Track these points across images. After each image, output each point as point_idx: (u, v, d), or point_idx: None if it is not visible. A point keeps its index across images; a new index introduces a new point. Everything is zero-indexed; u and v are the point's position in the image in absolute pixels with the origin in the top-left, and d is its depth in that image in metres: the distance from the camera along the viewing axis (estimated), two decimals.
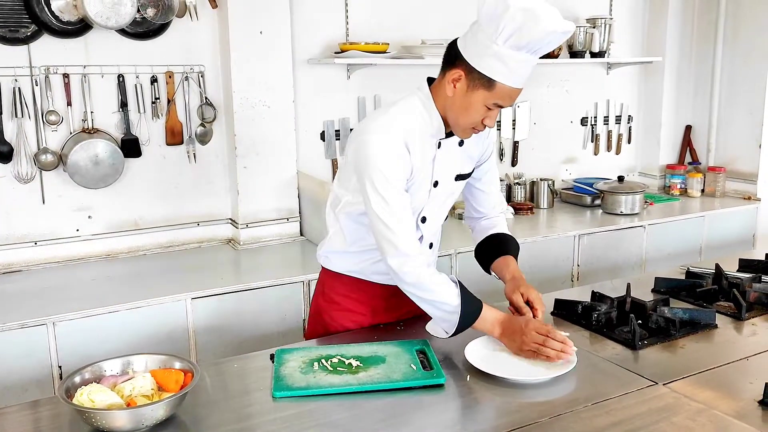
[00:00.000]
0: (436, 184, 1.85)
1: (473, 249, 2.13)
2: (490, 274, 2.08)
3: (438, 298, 1.73)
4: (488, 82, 1.67)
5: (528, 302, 1.88)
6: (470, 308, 1.75)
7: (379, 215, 1.72)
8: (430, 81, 1.84)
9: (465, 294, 1.75)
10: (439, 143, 1.82)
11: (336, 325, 1.99)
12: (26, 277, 2.79)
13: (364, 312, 1.99)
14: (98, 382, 1.49)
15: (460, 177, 1.92)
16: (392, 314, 2.00)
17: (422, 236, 1.90)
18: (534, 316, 1.84)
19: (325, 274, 2.03)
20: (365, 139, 1.73)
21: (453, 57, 1.72)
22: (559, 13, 1.60)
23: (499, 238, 2.07)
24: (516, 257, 2.05)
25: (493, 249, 2.05)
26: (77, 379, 1.50)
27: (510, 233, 2.10)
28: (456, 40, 1.75)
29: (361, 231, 1.88)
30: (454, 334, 1.77)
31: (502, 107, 1.73)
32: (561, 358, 1.66)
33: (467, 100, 1.71)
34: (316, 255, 2.05)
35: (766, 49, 3.90)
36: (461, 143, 1.87)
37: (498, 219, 2.12)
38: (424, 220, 1.88)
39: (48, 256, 2.92)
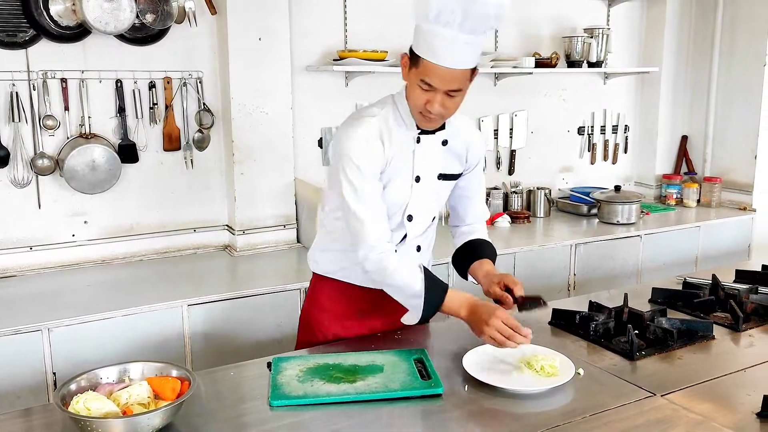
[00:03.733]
0: (418, 179, 1.86)
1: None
2: (467, 279, 2.07)
3: (401, 283, 1.76)
4: (417, 60, 1.70)
5: (507, 288, 1.88)
6: (435, 291, 1.76)
7: (349, 203, 1.77)
8: None
9: (430, 278, 1.77)
10: (419, 138, 1.83)
11: (326, 331, 1.98)
12: (21, 283, 2.78)
13: (354, 317, 1.98)
14: (94, 390, 1.48)
15: (444, 177, 1.92)
16: (384, 320, 1.99)
17: (406, 235, 1.90)
18: (513, 296, 1.86)
19: (315, 279, 2.04)
20: (340, 132, 1.82)
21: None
22: None
23: (475, 244, 2.07)
24: (493, 261, 2.04)
25: (470, 254, 2.05)
26: (73, 386, 1.48)
27: (488, 240, 2.10)
28: None
29: (343, 229, 1.89)
30: (424, 320, 1.78)
31: (432, 87, 1.70)
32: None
33: (409, 82, 1.77)
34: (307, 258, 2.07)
35: (762, 61, 3.93)
36: (445, 142, 1.88)
37: (478, 226, 2.11)
38: (410, 218, 1.89)
39: (43, 262, 2.91)
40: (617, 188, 3.82)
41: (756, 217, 4.00)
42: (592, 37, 3.89)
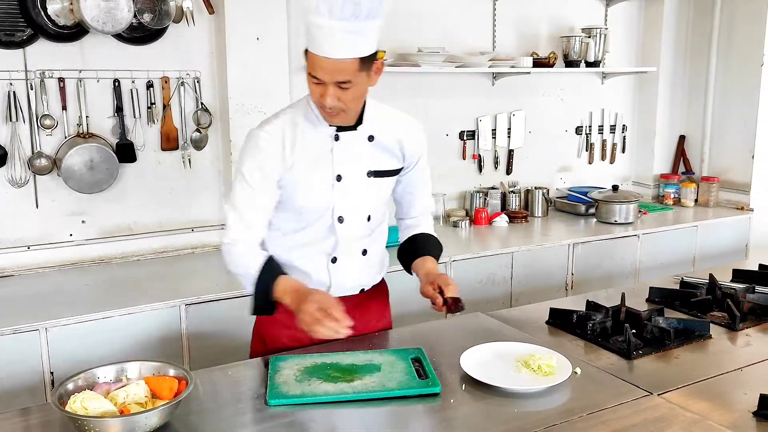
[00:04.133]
0: (339, 178, 1.81)
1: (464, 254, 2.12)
2: (412, 275, 2.02)
3: (242, 271, 1.78)
4: (306, 54, 1.68)
5: (440, 289, 1.83)
6: (267, 279, 1.75)
7: (230, 200, 1.82)
8: None
9: (268, 267, 1.76)
10: (337, 135, 1.80)
11: (275, 342, 1.94)
12: (19, 282, 2.77)
13: (300, 326, 1.92)
14: (91, 389, 1.48)
15: (376, 174, 1.86)
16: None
17: (337, 240, 1.85)
18: (443, 297, 1.80)
19: None
20: (246, 138, 1.83)
21: None
22: None
23: (419, 239, 2.03)
24: (437, 257, 2.01)
25: (412, 250, 2.02)
26: (70, 386, 1.48)
27: (433, 233, 2.06)
28: None
29: (278, 237, 1.89)
30: (260, 309, 1.79)
31: (317, 78, 1.66)
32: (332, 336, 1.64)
33: (307, 78, 1.73)
34: None
35: (760, 60, 3.93)
36: (371, 138, 1.84)
37: (422, 218, 2.07)
38: (341, 219, 1.84)
39: (41, 261, 2.90)
40: (615, 188, 3.82)
41: (753, 216, 4.01)
42: (589, 37, 3.89)
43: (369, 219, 1.91)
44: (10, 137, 2.77)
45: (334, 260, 1.89)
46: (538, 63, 3.75)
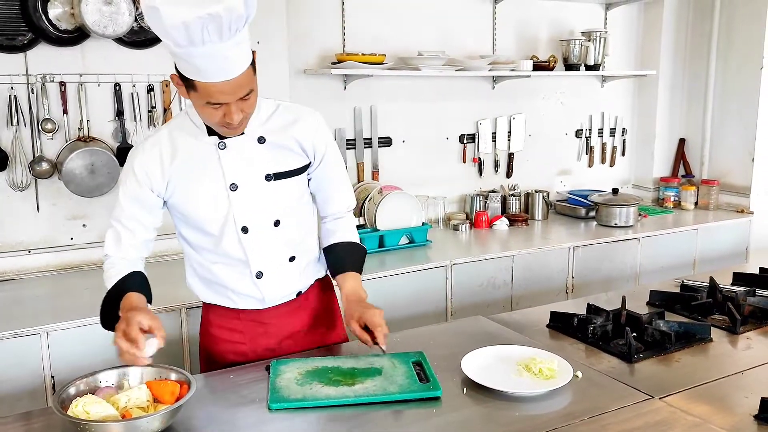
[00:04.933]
0: (234, 187, 1.73)
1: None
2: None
3: (107, 285, 1.75)
4: (190, 82, 1.57)
5: (367, 327, 1.76)
6: (116, 294, 1.71)
7: (113, 214, 1.79)
8: None
9: (122, 282, 1.73)
10: (223, 143, 1.71)
11: (219, 359, 1.90)
12: (19, 286, 2.77)
13: (242, 340, 1.89)
14: (93, 394, 1.48)
15: (276, 176, 1.76)
16: (273, 338, 1.90)
17: (245, 250, 1.77)
18: (375, 342, 1.74)
19: (203, 308, 1.98)
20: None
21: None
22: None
23: (337, 249, 1.93)
24: (356, 267, 1.92)
25: (332, 262, 1.93)
26: (72, 390, 1.49)
27: (350, 236, 1.95)
28: None
29: (191, 252, 1.88)
30: (105, 323, 1.74)
31: (218, 103, 1.57)
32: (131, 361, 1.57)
33: (194, 102, 1.63)
34: None
35: (759, 64, 3.94)
36: (261, 140, 1.75)
37: (340, 222, 1.95)
38: (245, 230, 1.76)
39: (42, 265, 2.90)
40: (615, 191, 3.83)
41: (753, 219, 4.01)
42: (589, 40, 3.90)
43: (277, 224, 1.79)
44: (11, 141, 2.77)
45: (259, 275, 1.81)
46: (538, 66, 3.76)
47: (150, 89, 2.99)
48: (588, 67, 3.96)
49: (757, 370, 1.77)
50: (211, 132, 1.72)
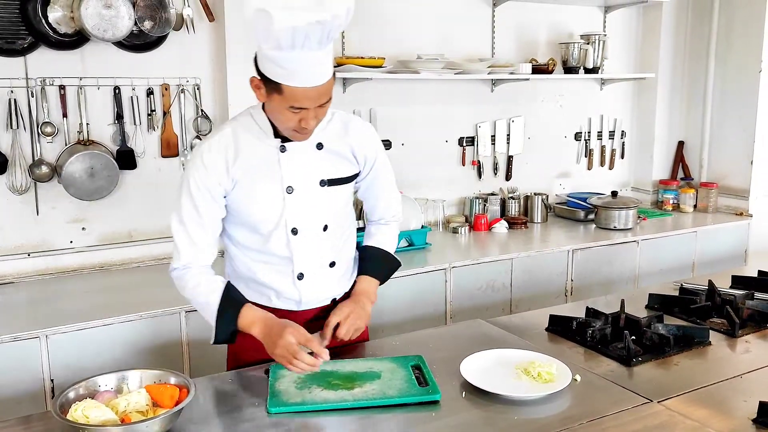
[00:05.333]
0: (290, 189, 1.77)
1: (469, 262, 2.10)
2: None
3: (202, 300, 1.75)
4: (276, 86, 1.60)
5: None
6: (230, 309, 1.72)
7: (177, 219, 1.76)
8: None
9: (227, 296, 1.73)
10: (283, 147, 1.76)
11: (246, 356, 1.89)
12: (19, 289, 2.78)
13: None
14: (92, 398, 1.49)
15: (330, 182, 1.81)
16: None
17: (292, 250, 1.80)
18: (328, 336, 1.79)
19: None
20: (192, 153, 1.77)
21: (255, 62, 1.66)
22: (306, 3, 1.49)
23: (366, 252, 1.99)
24: (378, 274, 1.97)
25: (359, 265, 1.99)
26: (71, 394, 1.49)
27: (387, 243, 2.01)
28: None
29: (234, 250, 1.88)
30: (218, 339, 1.74)
31: (303, 109, 1.62)
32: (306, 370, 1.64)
33: (272, 105, 1.67)
34: None
35: (758, 67, 3.94)
36: (320, 146, 1.79)
37: (382, 227, 2.02)
38: (294, 231, 1.79)
39: (41, 268, 2.91)
40: (614, 194, 3.83)
41: (752, 222, 4.01)
42: (588, 44, 3.90)
43: (326, 229, 1.84)
44: (10, 144, 2.77)
45: (300, 276, 1.84)
46: (537, 69, 3.76)
47: (150, 93, 2.99)
48: (587, 70, 3.96)
49: (756, 374, 1.77)
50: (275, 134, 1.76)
